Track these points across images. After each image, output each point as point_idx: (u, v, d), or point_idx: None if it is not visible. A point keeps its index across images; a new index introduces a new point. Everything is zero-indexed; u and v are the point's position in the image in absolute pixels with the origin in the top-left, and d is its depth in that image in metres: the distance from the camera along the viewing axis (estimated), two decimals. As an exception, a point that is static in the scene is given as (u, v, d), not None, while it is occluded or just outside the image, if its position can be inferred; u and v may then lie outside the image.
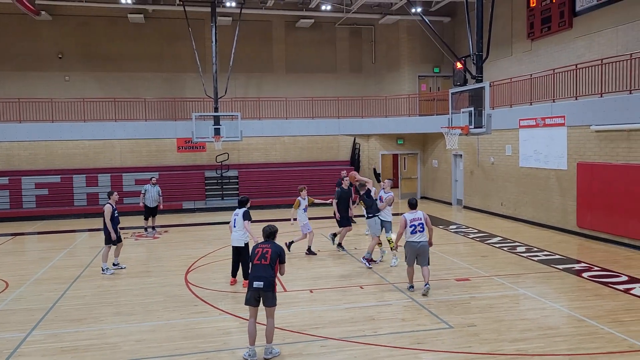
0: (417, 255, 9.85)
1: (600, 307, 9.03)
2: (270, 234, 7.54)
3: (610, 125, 14.01)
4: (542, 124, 16.76)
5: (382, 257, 12.77)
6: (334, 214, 13.64)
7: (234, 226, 10.73)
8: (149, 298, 10.18)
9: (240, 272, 10.91)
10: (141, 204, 17.18)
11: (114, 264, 12.58)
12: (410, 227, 9.84)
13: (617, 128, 13.83)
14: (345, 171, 18.19)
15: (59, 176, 22.39)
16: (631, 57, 13.68)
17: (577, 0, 17.26)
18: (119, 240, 12.46)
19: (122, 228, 13.06)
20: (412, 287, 10.15)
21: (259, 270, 7.17)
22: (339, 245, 13.92)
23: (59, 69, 23.56)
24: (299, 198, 13.54)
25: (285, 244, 13.51)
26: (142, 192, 17.13)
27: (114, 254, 12.64)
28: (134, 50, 24.07)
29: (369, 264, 12.19)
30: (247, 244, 10.62)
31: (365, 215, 12.50)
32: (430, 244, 9.96)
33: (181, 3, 22.06)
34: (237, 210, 10.80)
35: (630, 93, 13.53)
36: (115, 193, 13.04)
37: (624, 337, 7.62)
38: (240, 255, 10.78)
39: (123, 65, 23.96)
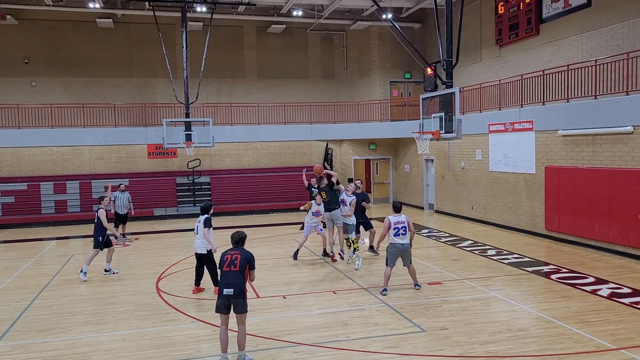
0: (401, 256, 10.35)
1: (567, 308, 9.22)
2: (239, 240, 7.43)
3: (576, 129, 14.36)
4: (511, 129, 17.07)
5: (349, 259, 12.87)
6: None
7: (197, 233, 10.61)
8: (120, 306, 10.01)
9: (209, 279, 10.76)
10: (112, 211, 16.90)
11: (105, 270, 12.66)
12: (394, 229, 10.24)
13: (582, 132, 14.18)
14: (314, 179, 18.25)
15: (26, 183, 21.89)
16: (596, 64, 14.05)
17: (543, 8, 17.67)
18: (108, 244, 12.55)
19: (91, 236, 12.84)
20: (385, 290, 10.29)
21: (228, 277, 7.11)
22: (371, 248, 14.00)
23: (26, 75, 23.04)
24: (313, 201, 13.58)
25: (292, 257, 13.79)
26: (112, 199, 16.86)
27: (106, 259, 12.69)
28: (103, 55, 23.70)
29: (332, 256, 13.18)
30: (210, 251, 10.51)
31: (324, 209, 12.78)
32: (410, 245, 10.39)
33: (151, 8, 21.84)
34: (200, 217, 10.65)
35: (595, 98, 13.89)
36: (107, 198, 13.18)
37: (590, 337, 7.79)
38: (203, 262, 10.66)
39: (92, 71, 23.57)
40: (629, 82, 13.05)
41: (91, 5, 21.55)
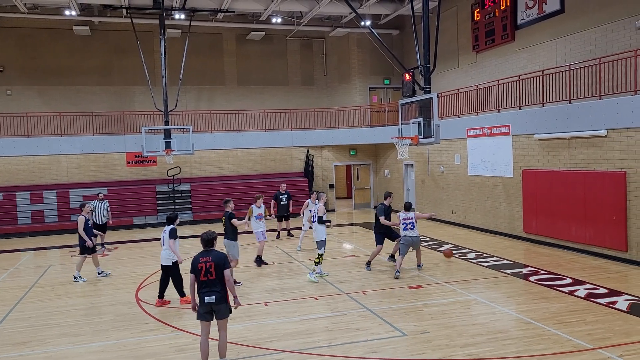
0: (412, 246, 12.28)
1: (546, 309, 9.34)
2: (208, 241, 7.22)
3: (552, 133, 14.60)
4: (488, 133, 17.29)
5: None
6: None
7: (163, 244, 10.38)
8: (98, 317, 9.88)
9: (174, 291, 10.59)
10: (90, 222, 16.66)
11: (98, 273, 13.03)
12: (402, 224, 12.15)
13: (558, 136, 14.42)
14: (284, 184, 18.42)
15: (1, 194, 21.48)
16: (570, 69, 14.32)
17: (518, 14, 17.97)
18: (93, 249, 12.81)
19: (69, 246, 12.73)
20: (398, 272, 11.93)
21: (208, 286, 7.02)
22: (391, 256, 13.62)
23: (0, 83, 22.70)
24: (253, 206, 13.65)
25: (255, 261, 13.81)
26: (90, 208, 16.62)
27: (94, 264, 12.98)
28: (80, 63, 23.47)
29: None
30: (175, 263, 10.37)
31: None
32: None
33: (128, 15, 21.70)
34: (166, 227, 10.42)
35: (570, 103, 14.14)
36: (87, 204, 13.44)
37: (568, 338, 7.90)
38: (168, 274, 10.44)
39: (69, 79, 23.32)
40: (602, 86, 13.32)
41: (67, 12, 21.34)
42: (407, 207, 12.48)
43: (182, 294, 10.55)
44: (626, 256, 12.64)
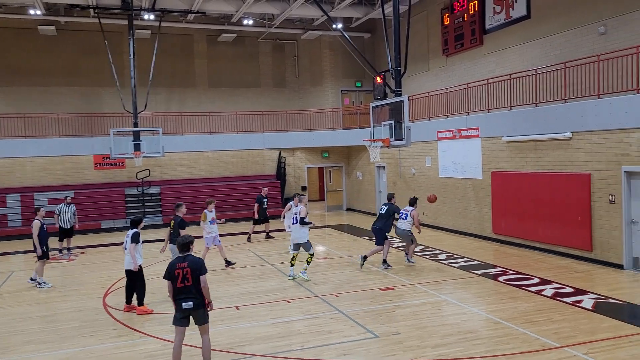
0: (400, 237, 13.56)
1: (514, 309, 9.50)
2: (184, 245, 7.10)
3: (520, 136, 14.87)
4: (458, 136, 17.52)
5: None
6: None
7: (125, 248, 10.15)
8: (64, 324, 9.65)
9: (136, 297, 10.25)
10: (56, 225, 16.33)
11: (31, 279, 12.60)
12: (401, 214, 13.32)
13: (525, 139, 14.70)
14: (266, 188, 18.35)
15: (-37, 198, 20.88)
16: (536, 73, 14.62)
17: (486, 19, 18.27)
18: (45, 256, 12.42)
19: (33, 251, 12.39)
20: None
21: (185, 292, 6.90)
22: (384, 261, 13.50)
23: (-38, 83, 22.07)
24: (205, 211, 13.59)
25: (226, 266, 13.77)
26: (56, 212, 16.27)
27: (37, 271, 12.48)
28: (46, 64, 22.93)
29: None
30: (140, 267, 10.12)
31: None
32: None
33: (96, 15, 21.30)
34: (129, 231, 10.15)
35: (536, 106, 14.43)
36: (42, 209, 12.95)
37: (536, 337, 8.04)
38: (132, 279, 10.17)
39: (34, 79, 22.76)
40: (566, 90, 13.64)
41: (32, 12, 20.84)
42: (410, 201, 13.68)
43: (141, 302, 10.15)
44: (591, 256, 12.95)
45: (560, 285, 10.97)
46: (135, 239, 9.99)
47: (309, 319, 9.37)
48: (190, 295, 6.90)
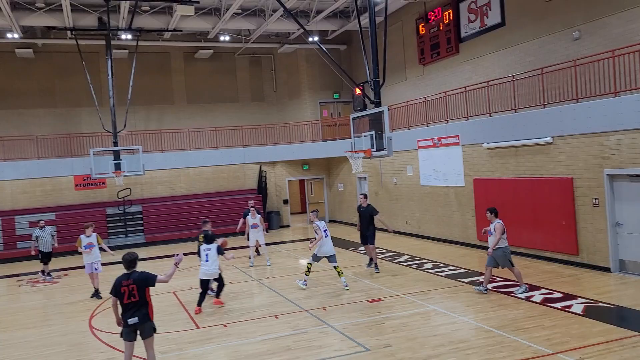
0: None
1: (504, 316, 9.49)
2: (130, 262, 7.17)
3: (500, 142, 15.01)
4: (438, 144, 17.62)
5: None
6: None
7: (207, 260, 11.26)
8: (49, 349, 9.40)
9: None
10: (33, 253, 16.02)
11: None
12: None
13: (505, 145, 14.84)
14: (252, 201, 18.11)
15: (-61, 224, 20.34)
16: (514, 79, 14.80)
17: (461, 28, 18.50)
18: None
19: (16, 275, 12.11)
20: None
21: (131, 308, 7.01)
22: (375, 265, 14.09)
23: None
24: (82, 236, 13.04)
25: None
26: (33, 238, 15.91)
27: None
28: (24, 86, 22.59)
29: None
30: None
31: None
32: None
33: (73, 37, 21.08)
34: (208, 245, 11.34)
35: (516, 112, 14.60)
36: None
37: (528, 344, 8.03)
38: (205, 288, 11.46)
39: (10, 102, 22.38)
40: (545, 95, 13.82)
41: (9, 35, 20.56)
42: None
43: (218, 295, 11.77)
44: (577, 260, 13.06)
45: (548, 291, 11.01)
46: (220, 251, 11.22)
47: (298, 334, 9.26)
48: (136, 310, 7.01)
